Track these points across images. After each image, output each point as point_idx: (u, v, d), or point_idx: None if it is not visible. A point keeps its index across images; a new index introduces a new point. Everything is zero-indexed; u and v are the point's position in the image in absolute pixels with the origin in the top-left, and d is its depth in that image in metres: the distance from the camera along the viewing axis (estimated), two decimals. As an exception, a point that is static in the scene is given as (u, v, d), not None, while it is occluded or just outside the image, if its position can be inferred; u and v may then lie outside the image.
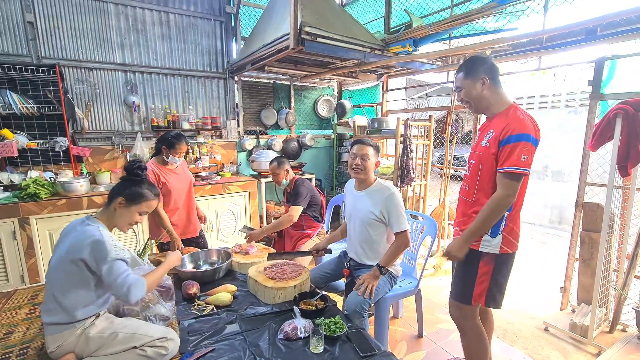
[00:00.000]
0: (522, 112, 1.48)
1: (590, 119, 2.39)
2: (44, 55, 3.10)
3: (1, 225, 2.63)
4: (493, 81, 1.54)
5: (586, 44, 2.34)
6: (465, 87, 1.57)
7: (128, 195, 1.39)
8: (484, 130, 1.60)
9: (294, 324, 1.45)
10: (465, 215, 1.62)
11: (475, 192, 1.57)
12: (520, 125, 1.41)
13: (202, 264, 2.15)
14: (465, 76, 1.57)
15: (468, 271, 1.59)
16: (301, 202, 2.59)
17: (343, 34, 2.79)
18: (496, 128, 1.49)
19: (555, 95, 5.43)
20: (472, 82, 1.55)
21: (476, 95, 1.56)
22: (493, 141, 1.48)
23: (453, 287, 1.69)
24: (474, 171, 1.59)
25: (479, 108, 1.61)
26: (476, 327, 1.65)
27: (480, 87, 1.54)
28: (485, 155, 1.51)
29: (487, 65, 1.54)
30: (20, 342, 1.42)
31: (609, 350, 2.18)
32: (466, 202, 1.63)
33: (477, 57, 1.58)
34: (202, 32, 3.87)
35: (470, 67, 1.56)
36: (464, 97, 1.61)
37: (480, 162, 1.54)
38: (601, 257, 2.20)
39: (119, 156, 3.56)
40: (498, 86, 1.55)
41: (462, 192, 1.68)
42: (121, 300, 1.34)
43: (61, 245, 1.31)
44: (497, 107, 1.55)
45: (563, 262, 2.75)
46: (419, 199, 3.69)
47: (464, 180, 1.69)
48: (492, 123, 1.55)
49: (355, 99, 5.08)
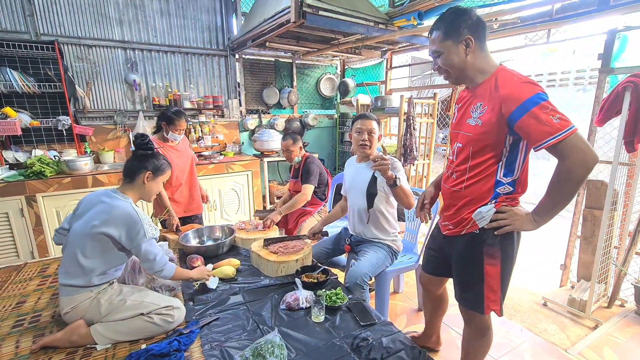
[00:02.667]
0: (514, 74, 1.18)
1: (598, 94, 2.33)
2: (42, 32, 3.06)
3: (9, 202, 2.67)
4: (479, 41, 1.20)
5: (598, 15, 2.26)
6: (444, 51, 1.23)
7: (154, 168, 1.47)
8: (466, 104, 1.31)
9: (296, 295, 1.49)
10: (455, 207, 1.35)
11: (465, 180, 1.30)
12: (521, 88, 1.12)
13: (206, 240, 2.18)
14: (444, 36, 1.21)
15: (470, 271, 1.34)
16: (313, 180, 2.59)
17: (346, 6, 2.71)
18: (487, 101, 1.20)
19: (564, 73, 5.30)
20: (453, 45, 1.21)
21: (459, 63, 1.22)
22: (490, 118, 1.18)
23: (456, 290, 1.44)
24: (462, 156, 1.31)
25: (461, 78, 1.28)
26: (488, 329, 1.44)
27: (464, 50, 1.20)
28: (478, 137, 1.23)
29: (472, 21, 1.19)
30: (32, 311, 1.48)
31: (606, 323, 2.22)
32: (454, 192, 1.35)
33: (459, 10, 1.22)
34: (202, 7, 3.78)
35: (451, 23, 1.20)
36: (442, 64, 1.26)
37: (470, 145, 1.26)
38: (603, 233, 2.20)
39: (121, 135, 3.57)
40: (484, 49, 1.23)
41: (448, 181, 1.39)
42: (150, 272, 1.45)
43: (86, 214, 1.34)
44: (482, 76, 1.24)
45: (564, 241, 2.76)
46: (421, 178, 3.68)
47: (448, 166, 1.41)
48: (476, 94, 1.26)
49: (359, 77, 4.99)
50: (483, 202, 1.28)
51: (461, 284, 1.43)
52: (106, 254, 1.33)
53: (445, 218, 1.44)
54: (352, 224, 2.09)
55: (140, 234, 1.32)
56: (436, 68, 1.31)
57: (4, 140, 2.98)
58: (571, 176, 1.09)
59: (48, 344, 1.23)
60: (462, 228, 1.35)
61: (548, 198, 1.16)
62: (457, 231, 1.37)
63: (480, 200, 1.29)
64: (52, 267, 1.93)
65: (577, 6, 2.39)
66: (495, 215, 1.26)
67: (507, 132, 1.18)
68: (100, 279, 1.33)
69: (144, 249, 1.34)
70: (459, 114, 1.37)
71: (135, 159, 1.48)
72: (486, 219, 1.27)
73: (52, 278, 1.79)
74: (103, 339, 1.25)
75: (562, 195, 1.12)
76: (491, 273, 1.30)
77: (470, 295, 1.38)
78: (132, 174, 1.44)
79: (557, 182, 1.12)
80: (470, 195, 1.30)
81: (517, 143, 1.21)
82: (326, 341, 1.27)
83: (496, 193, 1.27)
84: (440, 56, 1.26)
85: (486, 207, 1.27)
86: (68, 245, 1.33)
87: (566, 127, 1.05)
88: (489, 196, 1.27)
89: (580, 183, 1.10)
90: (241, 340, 1.27)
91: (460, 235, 1.37)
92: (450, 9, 1.25)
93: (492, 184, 1.26)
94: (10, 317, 1.43)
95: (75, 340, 1.24)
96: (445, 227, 1.44)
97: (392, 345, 1.24)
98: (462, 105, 1.35)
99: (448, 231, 1.43)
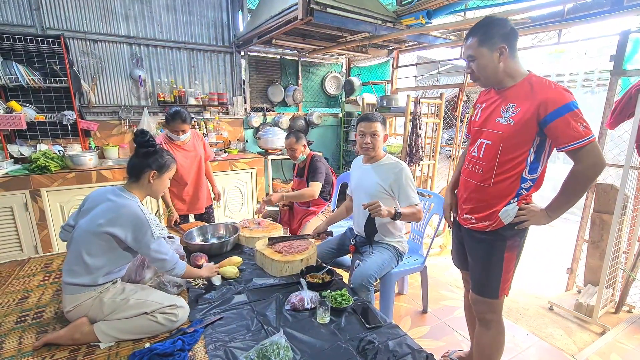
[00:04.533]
0: (549, 80, 1.28)
1: (609, 96, 2.29)
2: (48, 26, 3.04)
3: (13, 196, 2.67)
4: (511, 50, 1.30)
5: (612, 15, 2.21)
6: (478, 57, 1.32)
7: (158, 166, 1.43)
8: (494, 104, 1.39)
9: (301, 295, 1.47)
10: (481, 201, 1.42)
11: (494, 175, 1.36)
12: (560, 95, 1.21)
13: (210, 238, 2.17)
14: (480, 43, 1.30)
15: (492, 263, 1.42)
16: (320, 178, 2.57)
17: (354, 4, 2.68)
18: (522, 102, 1.28)
19: (572, 75, 5.23)
20: (488, 52, 1.29)
21: (491, 69, 1.32)
22: (522, 118, 1.26)
23: (476, 282, 1.51)
24: (490, 153, 1.37)
25: (490, 82, 1.38)
26: (501, 321, 1.53)
27: (498, 58, 1.29)
28: (509, 135, 1.30)
29: (506, 30, 1.28)
30: (35, 307, 1.47)
31: (614, 329, 2.19)
32: (481, 187, 1.41)
33: (495, 19, 1.31)
34: (208, 3, 3.75)
35: (487, 31, 1.29)
36: (475, 69, 1.35)
37: (501, 142, 1.33)
38: (612, 238, 2.17)
39: (126, 131, 3.56)
40: (516, 56, 1.32)
41: (473, 176, 1.45)
42: (162, 271, 1.46)
43: (92, 211, 1.32)
44: (512, 80, 1.33)
45: (570, 245, 2.73)
46: (426, 179, 3.65)
47: (470, 161, 1.47)
48: (506, 96, 1.34)
49: (365, 76, 4.95)
50: (509, 197, 1.36)
51: (476, 273, 1.50)
52: (111, 253, 1.31)
53: (466, 210, 1.49)
54: (357, 224, 2.07)
55: (148, 235, 1.30)
56: (469, 71, 1.40)
57: (9, 134, 2.98)
58: (583, 178, 1.25)
59: (51, 341, 1.22)
60: (488, 225, 1.41)
61: (561, 196, 1.29)
62: (482, 227, 1.43)
63: (506, 196, 1.37)
64: (56, 262, 1.92)
65: (590, 6, 2.34)
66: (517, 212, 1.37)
67: (536, 132, 1.27)
68: (105, 278, 1.32)
69: (154, 249, 1.32)
70: (483, 114, 1.45)
71: (138, 157, 1.43)
72: (511, 216, 1.36)
73: (55, 274, 1.78)
74: (106, 338, 1.24)
75: (574, 193, 1.27)
76: (508, 262, 1.43)
77: (488, 283, 1.47)
78: (137, 173, 1.41)
79: (571, 182, 1.26)
80: (497, 191, 1.38)
81: (543, 143, 1.30)
82: (331, 343, 1.25)
83: (520, 189, 1.36)
84: (474, 61, 1.35)
85: (510, 205, 1.36)
86: (73, 243, 1.31)
87: (588, 135, 1.19)
88: (515, 191, 1.36)
89: (590, 184, 1.27)
90: (245, 340, 1.26)
91: (485, 231, 1.43)
92: (487, 17, 1.35)
93: (519, 180, 1.35)
94: (14, 312, 1.43)
95: (78, 338, 1.23)
96: (468, 221, 1.49)
97: (398, 349, 1.22)
98: (488, 105, 1.43)
99: (470, 225, 1.47)
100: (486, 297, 1.48)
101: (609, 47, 4.51)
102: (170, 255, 1.38)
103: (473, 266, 1.51)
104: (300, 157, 2.66)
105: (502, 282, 1.43)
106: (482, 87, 1.49)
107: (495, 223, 1.39)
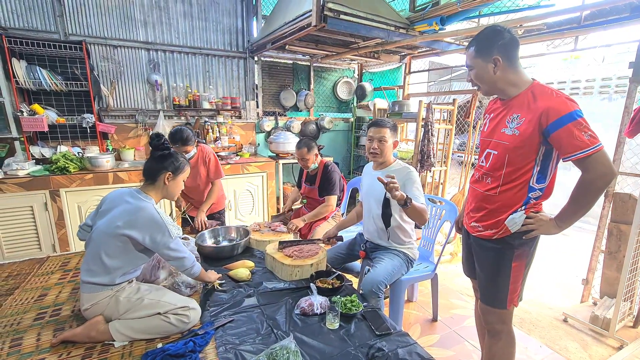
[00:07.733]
0: (552, 89, 1.26)
1: (628, 104, 2.24)
2: (70, 32, 3.16)
3: (34, 196, 2.76)
4: (508, 61, 1.29)
5: (630, 22, 2.17)
6: (475, 66, 1.35)
7: (174, 168, 1.48)
8: (500, 114, 1.39)
9: (311, 300, 1.48)
10: (487, 210, 1.41)
11: (501, 185, 1.36)
12: (562, 104, 1.20)
13: (222, 240, 2.20)
14: (475, 54, 1.33)
15: (500, 272, 1.41)
16: (335, 190, 2.57)
17: (367, 11, 2.70)
18: (525, 112, 1.27)
19: (589, 81, 5.13)
20: (482, 63, 1.32)
21: (487, 79, 1.34)
22: (527, 129, 1.25)
23: (483, 291, 1.50)
24: (497, 163, 1.37)
25: (491, 90, 1.39)
26: (511, 331, 1.51)
27: (492, 69, 1.30)
28: (515, 145, 1.30)
29: (503, 41, 1.28)
30: (53, 304, 1.52)
31: (632, 344, 2.12)
32: (487, 196, 1.41)
33: (492, 29, 1.32)
34: (224, 10, 3.83)
35: (482, 41, 1.31)
36: (473, 78, 1.39)
37: (507, 153, 1.33)
38: (631, 248, 2.11)
39: (142, 134, 3.65)
40: (515, 65, 1.31)
41: (480, 185, 1.45)
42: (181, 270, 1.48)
43: (109, 212, 1.36)
44: (516, 89, 1.32)
45: (585, 255, 2.66)
46: (438, 185, 3.62)
47: (478, 171, 1.48)
48: (511, 106, 1.34)
49: (376, 82, 4.96)
50: (516, 206, 1.35)
51: (489, 284, 1.47)
52: (129, 254, 1.35)
53: (475, 219, 1.48)
54: (367, 230, 2.07)
55: (166, 235, 1.35)
56: (469, 80, 1.42)
57: (31, 135, 3.08)
58: (592, 187, 1.21)
59: (68, 339, 1.26)
60: (495, 233, 1.40)
61: (570, 206, 1.27)
62: (489, 235, 1.41)
63: (513, 205, 1.35)
64: (73, 261, 1.98)
65: (608, 13, 2.30)
66: (524, 220, 1.35)
67: (541, 142, 1.26)
68: (122, 278, 1.35)
69: (173, 248, 1.37)
70: (491, 124, 1.44)
71: (154, 160, 1.48)
72: (518, 225, 1.34)
73: (72, 272, 1.83)
74: (120, 336, 1.27)
75: (583, 203, 1.24)
76: (517, 271, 1.40)
77: (495, 292, 1.45)
78: (153, 176, 1.46)
79: (579, 192, 1.24)
80: (505, 199, 1.36)
81: (549, 152, 1.29)
82: (341, 349, 1.25)
83: (528, 198, 1.34)
84: (472, 70, 1.38)
85: (517, 213, 1.34)
86: (91, 243, 1.35)
87: (594, 144, 1.16)
88: (522, 200, 1.34)
89: (599, 194, 1.22)
90: (255, 344, 1.27)
91: (491, 239, 1.41)
92: (487, 28, 1.35)
93: (526, 189, 1.33)
94: (33, 309, 1.48)
95: (94, 336, 1.26)
96: (475, 229, 1.48)
97: (408, 358, 1.21)
98: (495, 115, 1.42)
99: (478, 233, 1.47)
100: (494, 307, 1.47)
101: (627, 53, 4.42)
102: (188, 254, 1.44)
103: (481, 275, 1.50)
104: (313, 165, 2.64)
105: (510, 292, 1.41)
106: (484, 95, 1.53)
107: (501, 231, 1.38)
